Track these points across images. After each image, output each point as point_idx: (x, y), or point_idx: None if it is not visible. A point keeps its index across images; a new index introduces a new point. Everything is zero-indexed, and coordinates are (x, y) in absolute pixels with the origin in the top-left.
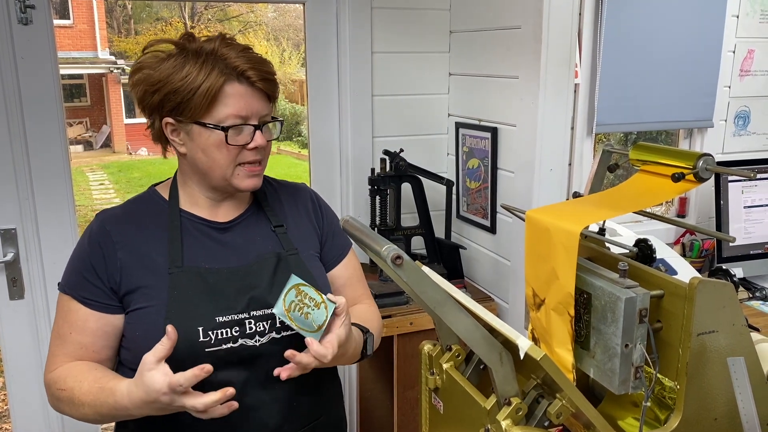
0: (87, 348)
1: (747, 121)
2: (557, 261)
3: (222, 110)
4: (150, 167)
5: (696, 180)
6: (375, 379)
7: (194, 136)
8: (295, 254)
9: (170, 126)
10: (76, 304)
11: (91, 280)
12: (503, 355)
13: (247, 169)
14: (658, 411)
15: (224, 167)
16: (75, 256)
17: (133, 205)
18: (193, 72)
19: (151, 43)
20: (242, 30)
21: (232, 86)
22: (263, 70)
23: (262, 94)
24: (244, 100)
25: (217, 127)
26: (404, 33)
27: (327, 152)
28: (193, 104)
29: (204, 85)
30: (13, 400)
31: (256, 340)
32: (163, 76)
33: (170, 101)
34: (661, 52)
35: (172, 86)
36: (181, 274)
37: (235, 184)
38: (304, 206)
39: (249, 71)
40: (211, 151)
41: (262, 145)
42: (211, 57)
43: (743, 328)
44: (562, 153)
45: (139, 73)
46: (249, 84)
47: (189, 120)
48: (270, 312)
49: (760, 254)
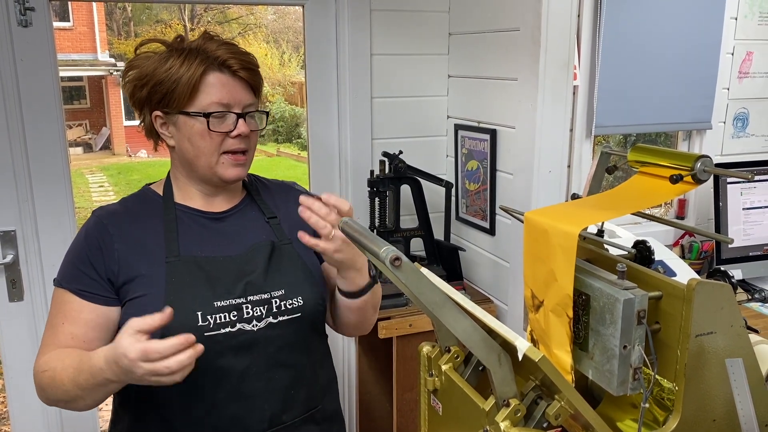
0: (77, 338)
1: (746, 122)
2: (556, 262)
3: (204, 98)
4: (149, 169)
5: (694, 182)
6: (374, 381)
7: (180, 126)
8: (288, 244)
9: (159, 119)
10: (70, 296)
11: (86, 272)
12: (502, 356)
13: (231, 158)
14: (656, 412)
15: (208, 155)
16: (71, 251)
17: (128, 201)
18: (176, 64)
19: (142, 43)
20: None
21: (214, 75)
22: (244, 60)
23: (245, 84)
24: (225, 89)
25: (199, 114)
26: (403, 35)
27: (326, 154)
28: (176, 94)
29: (186, 75)
30: (12, 402)
31: (254, 324)
32: (149, 70)
33: (156, 93)
34: (659, 54)
35: (157, 78)
36: (178, 263)
37: (219, 173)
38: (296, 200)
39: (230, 60)
40: (195, 140)
41: (244, 132)
42: (194, 51)
43: (741, 329)
44: (560, 155)
45: (130, 72)
46: (231, 73)
47: (174, 111)
48: (266, 297)
49: (759, 256)
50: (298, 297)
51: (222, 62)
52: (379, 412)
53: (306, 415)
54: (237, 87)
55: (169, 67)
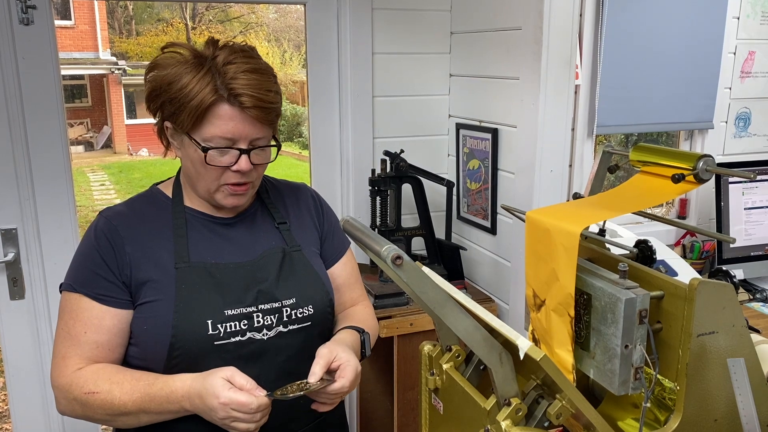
0: (102, 347)
1: (747, 122)
2: (557, 262)
3: (208, 129)
4: (151, 168)
5: (696, 181)
6: (375, 380)
7: (185, 145)
8: (298, 250)
9: (169, 129)
10: (88, 302)
11: (103, 275)
12: (503, 355)
13: (230, 189)
14: (657, 412)
15: (207, 183)
16: (81, 252)
17: (136, 202)
18: (191, 84)
19: (172, 44)
20: (243, 31)
21: (222, 107)
22: (259, 98)
23: (256, 121)
24: (233, 123)
25: (198, 145)
26: (405, 34)
27: (328, 153)
28: (183, 117)
29: (195, 100)
30: (13, 400)
31: (264, 333)
32: (165, 82)
33: (167, 108)
34: (661, 54)
35: (169, 95)
36: (188, 269)
37: (217, 199)
38: (306, 204)
39: (244, 96)
40: (196, 165)
41: (244, 169)
42: (212, 70)
43: (743, 329)
44: (562, 154)
45: (152, 72)
46: (240, 108)
47: (181, 130)
48: (277, 306)
49: (761, 256)
50: (309, 305)
51: (235, 95)
52: (380, 411)
53: (312, 424)
54: (246, 122)
55: (183, 86)
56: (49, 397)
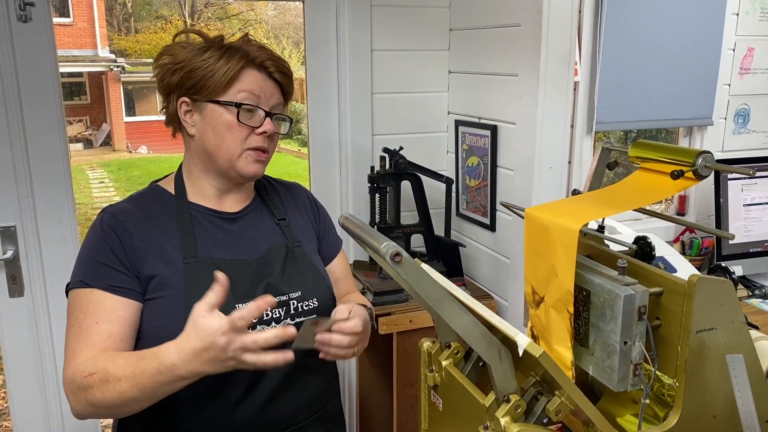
0: (115, 337)
1: (747, 119)
2: (556, 258)
3: (238, 87)
4: (150, 165)
5: (695, 177)
6: (374, 377)
7: (207, 114)
8: (299, 246)
9: (185, 105)
10: (100, 293)
11: (114, 266)
12: (502, 352)
13: (254, 154)
14: (657, 408)
15: (231, 148)
16: (89, 247)
17: (138, 199)
18: (215, 56)
19: (182, 32)
20: (242, 28)
21: (251, 72)
22: (281, 64)
23: (277, 86)
24: (259, 84)
25: (230, 103)
26: (404, 31)
27: (327, 150)
28: (211, 83)
29: (224, 67)
30: (12, 398)
31: (273, 326)
32: (186, 57)
33: (189, 79)
34: (661, 50)
35: (193, 65)
36: (196, 264)
37: (239, 167)
38: (302, 203)
39: (267, 62)
40: (221, 130)
41: (270, 130)
42: (234, 49)
43: (742, 325)
44: (561, 151)
45: (163, 57)
46: (267, 74)
47: (204, 99)
48: (284, 299)
49: (760, 252)
50: (314, 298)
51: (260, 63)
52: (380, 408)
53: (316, 415)
54: (270, 86)
55: (208, 57)
56: (49, 394)
